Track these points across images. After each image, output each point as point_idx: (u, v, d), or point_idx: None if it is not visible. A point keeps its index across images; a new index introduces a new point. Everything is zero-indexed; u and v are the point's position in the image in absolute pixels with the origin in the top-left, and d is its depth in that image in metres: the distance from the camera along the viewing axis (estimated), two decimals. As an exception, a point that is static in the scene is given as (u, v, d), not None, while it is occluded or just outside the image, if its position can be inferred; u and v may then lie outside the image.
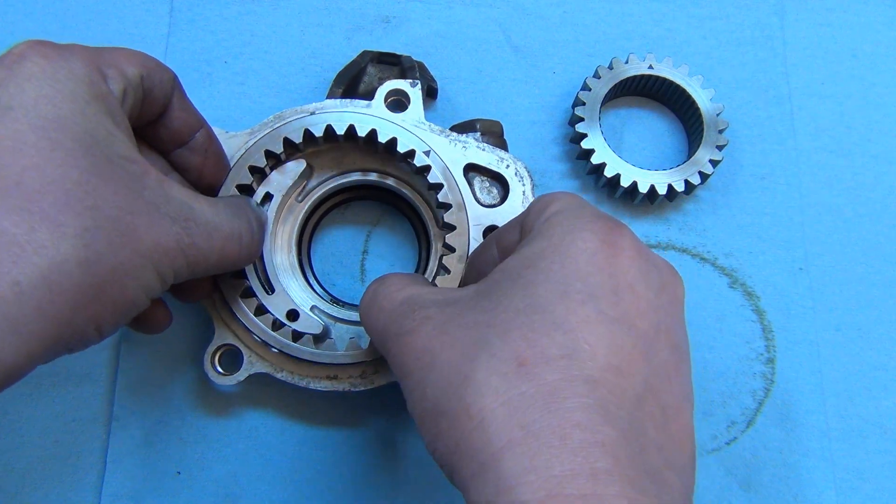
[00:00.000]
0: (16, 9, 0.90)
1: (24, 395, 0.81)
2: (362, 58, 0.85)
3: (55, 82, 0.56)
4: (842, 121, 0.90)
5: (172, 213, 0.60)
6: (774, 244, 0.86)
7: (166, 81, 0.66)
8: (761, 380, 0.83)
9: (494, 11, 0.90)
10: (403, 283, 0.62)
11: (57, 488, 0.80)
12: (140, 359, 0.82)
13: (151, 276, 0.59)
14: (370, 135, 0.76)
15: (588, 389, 0.48)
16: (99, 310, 0.56)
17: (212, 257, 0.64)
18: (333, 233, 0.86)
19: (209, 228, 0.63)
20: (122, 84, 0.61)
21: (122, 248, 0.56)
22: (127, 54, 0.63)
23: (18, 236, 0.51)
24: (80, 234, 0.53)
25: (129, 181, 0.58)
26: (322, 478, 0.80)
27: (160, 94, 0.66)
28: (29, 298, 0.51)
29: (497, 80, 0.89)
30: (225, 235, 0.65)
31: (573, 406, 0.48)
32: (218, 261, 0.65)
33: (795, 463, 0.81)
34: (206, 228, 0.63)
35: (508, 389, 0.49)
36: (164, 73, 0.66)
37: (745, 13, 0.92)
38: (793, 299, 0.85)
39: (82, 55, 0.59)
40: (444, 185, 0.76)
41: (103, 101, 0.58)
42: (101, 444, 0.80)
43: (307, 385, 0.75)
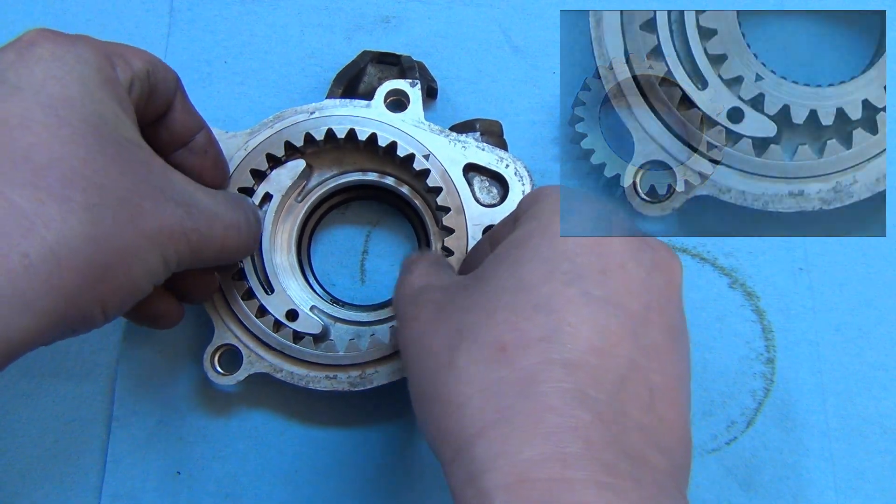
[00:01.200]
0: (16, 9, 0.90)
1: (24, 395, 0.81)
2: (362, 58, 0.85)
3: (64, 64, 0.56)
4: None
5: (177, 197, 0.60)
6: (775, 244, 0.86)
7: (170, 81, 0.66)
8: (761, 380, 0.83)
9: (495, 12, 0.90)
10: (425, 271, 0.63)
11: (57, 488, 0.80)
12: (140, 359, 0.82)
13: (156, 259, 0.59)
14: (370, 138, 0.77)
15: (566, 373, 0.48)
16: (104, 290, 0.56)
17: (214, 244, 0.64)
18: (333, 233, 0.86)
19: (210, 215, 0.63)
20: (129, 74, 0.61)
21: (128, 228, 0.56)
22: (134, 50, 0.63)
23: (27, 210, 0.51)
24: (87, 209, 0.53)
25: (135, 164, 0.58)
26: (322, 478, 0.80)
27: (164, 92, 0.66)
28: (37, 272, 0.51)
29: (497, 81, 0.89)
30: (226, 224, 0.65)
31: (548, 390, 0.48)
32: (220, 249, 0.65)
33: (795, 463, 0.81)
34: (207, 215, 0.63)
35: (487, 375, 0.49)
36: (169, 73, 0.66)
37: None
38: (793, 299, 0.85)
39: (91, 43, 0.59)
40: (442, 189, 0.76)
41: (111, 86, 0.59)
42: (101, 444, 0.80)
43: (307, 385, 0.75)
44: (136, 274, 0.57)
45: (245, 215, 0.69)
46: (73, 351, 0.82)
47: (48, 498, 0.80)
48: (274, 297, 0.77)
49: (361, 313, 0.80)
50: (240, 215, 0.68)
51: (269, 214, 0.78)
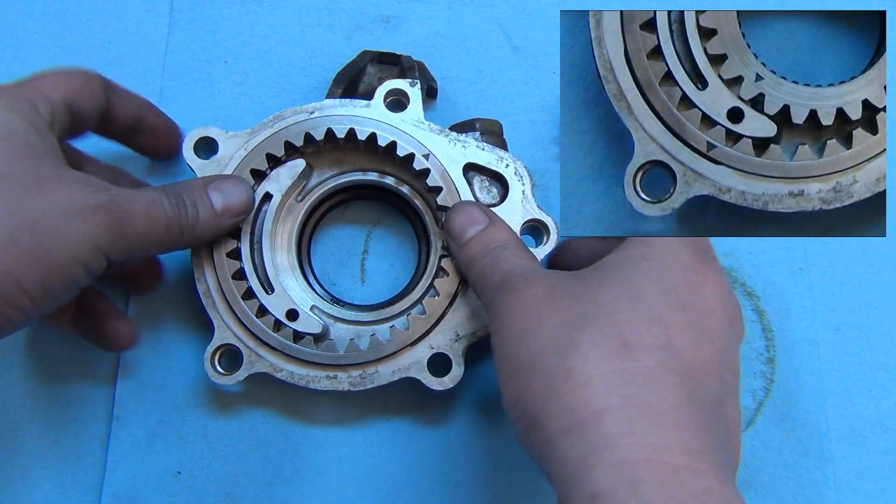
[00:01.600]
0: (16, 9, 0.90)
1: (23, 395, 0.81)
2: (362, 58, 0.85)
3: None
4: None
5: (88, 180, 0.64)
6: (775, 244, 0.86)
7: (97, 94, 0.72)
8: (761, 380, 0.83)
9: (495, 11, 0.90)
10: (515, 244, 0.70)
11: (57, 488, 0.80)
12: (140, 359, 0.82)
13: (75, 234, 0.61)
14: (370, 138, 0.77)
15: (680, 381, 0.55)
16: (12, 262, 0.58)
17: (138, 220, 0.65)
18: (333, 233, 0.86)
19: (130, 194, 0.65)
20: (48, 107, 0.66)
21: (27, 200, 0.59)
22: (53, 80, 0.69)
23: None
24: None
25: (41, 160, 0.63)
26: (322, 478, 0.80)
27: (91, 108, 0.71)
28: None
29: (497, 80, 0.89)
30: (148, 200, 0.66)
31: (669, 391, 0.54)
32: (147, 226, 0.66)
33: (795, 463, 0.81)
34: (126, 194, 0.65)
35: (612, 362, 0.55)
36: (91, 90, 0.71)
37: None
38: (793, 299, 0.85)
39: (11, 92, 0.66)
40: (442, 188, 0.76)
41: (30, 117, 0.64)
42: (101, 444, 0.81)
43: (307, 385, 0.75)
44: (50, 247, 0.60)
45: (176, 199, 0.69)
46: (73, 351, 0.82)
47: (48, 498, 0.80)
48: (274, 296, 0.77)
49: (361, 313, 0.80)
50: (162, 195, 0.68)
51: (270, 214, 0.78)
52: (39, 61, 0.88)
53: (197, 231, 0.71)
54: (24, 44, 0.89)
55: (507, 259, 0.67)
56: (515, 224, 0.76)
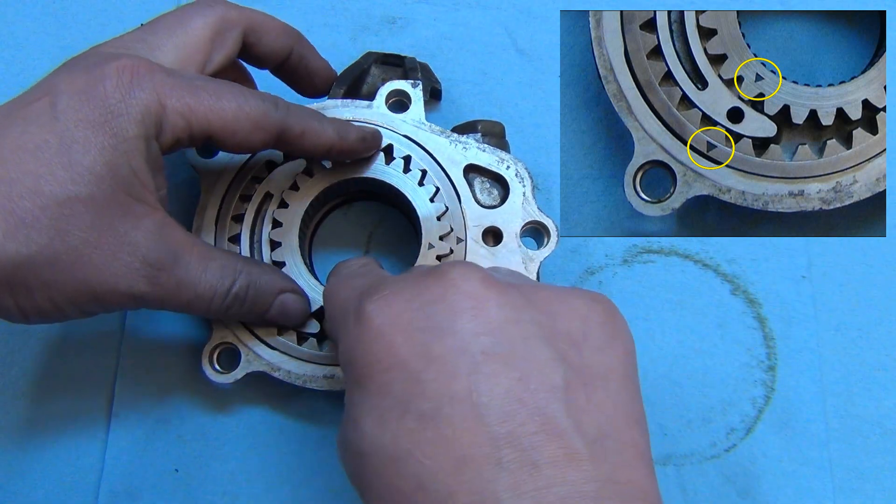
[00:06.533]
0: (16, 9, 0.91)
1: (22, 395, 0.81)
2: (366, 59, 0.85)
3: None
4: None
5: (151, 259, 0.62)
6: (778, 252, 0.86)
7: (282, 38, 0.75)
8: (762, 387, 0.83)
9: (501, 14, 0.91)
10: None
11: (56, 487, 0.80)
12: (139, 357, 0.82)
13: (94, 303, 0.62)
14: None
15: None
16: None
17: (171, 307, 0.66)
18: (334, 233, 0.86)
19: (181, 283, 0.64)
20: (172, 136, 0.62)
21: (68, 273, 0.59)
22: (216, 101, 0.64)
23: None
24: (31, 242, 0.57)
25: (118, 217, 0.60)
26: (321, 477, 0.80)
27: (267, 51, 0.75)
28: None
29: (502, 83, 0.90)
30: (196, 294, 0.66)
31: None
32: (180, 310, 0.67)
33: (795, 471, 0.81)
34: (177, 282, 0.64)
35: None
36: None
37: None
38: (795, 307, 0.85)
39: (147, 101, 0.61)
40: (440, 190, 0.76)
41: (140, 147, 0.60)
42: (101, 442, 0.80)
43: (305, 384, 0.75)
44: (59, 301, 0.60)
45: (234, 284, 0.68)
46: (73, 351, 0.82)
47: (47, 497, 0.80)
48: (274, 295, 0.77)
49: (362, 313, 0.80)
50: (225, 284, 0.68)
51: (270, 215, 0.78)
52: (39, 61, 0.89)
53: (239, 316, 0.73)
54: (24, 44, 0.90)
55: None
56: (516, 226, 0.76)
